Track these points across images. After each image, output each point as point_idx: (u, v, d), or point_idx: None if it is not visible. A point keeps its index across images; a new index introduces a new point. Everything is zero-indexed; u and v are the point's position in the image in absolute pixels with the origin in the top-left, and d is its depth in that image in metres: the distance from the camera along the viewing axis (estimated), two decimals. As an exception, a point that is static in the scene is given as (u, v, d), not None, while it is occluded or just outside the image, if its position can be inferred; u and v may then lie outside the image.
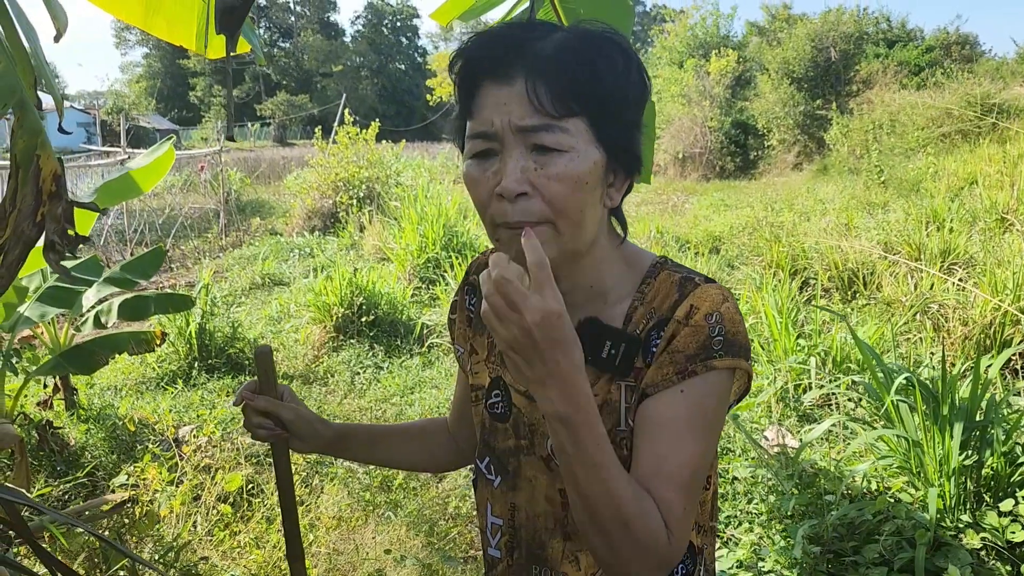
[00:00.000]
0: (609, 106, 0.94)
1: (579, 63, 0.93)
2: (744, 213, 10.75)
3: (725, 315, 0.97)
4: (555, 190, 0.92)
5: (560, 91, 0.91)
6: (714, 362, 0.96)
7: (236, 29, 1.26)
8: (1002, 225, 7.11)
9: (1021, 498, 2.78)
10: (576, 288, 1.05)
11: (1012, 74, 18.74)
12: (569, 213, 0.93)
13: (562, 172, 0.91)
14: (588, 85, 0.93)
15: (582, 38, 0.96)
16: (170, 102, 67.99)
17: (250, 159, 25.62)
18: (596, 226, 1.00)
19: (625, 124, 0.97)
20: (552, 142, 0.91)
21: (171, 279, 9.57)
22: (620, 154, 0.97)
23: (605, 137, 0.94)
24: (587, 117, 0.93)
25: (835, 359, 4.51)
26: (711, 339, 0.96)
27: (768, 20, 26.97)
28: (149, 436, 4.20)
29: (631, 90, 0.97)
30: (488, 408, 1.17)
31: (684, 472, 0.94)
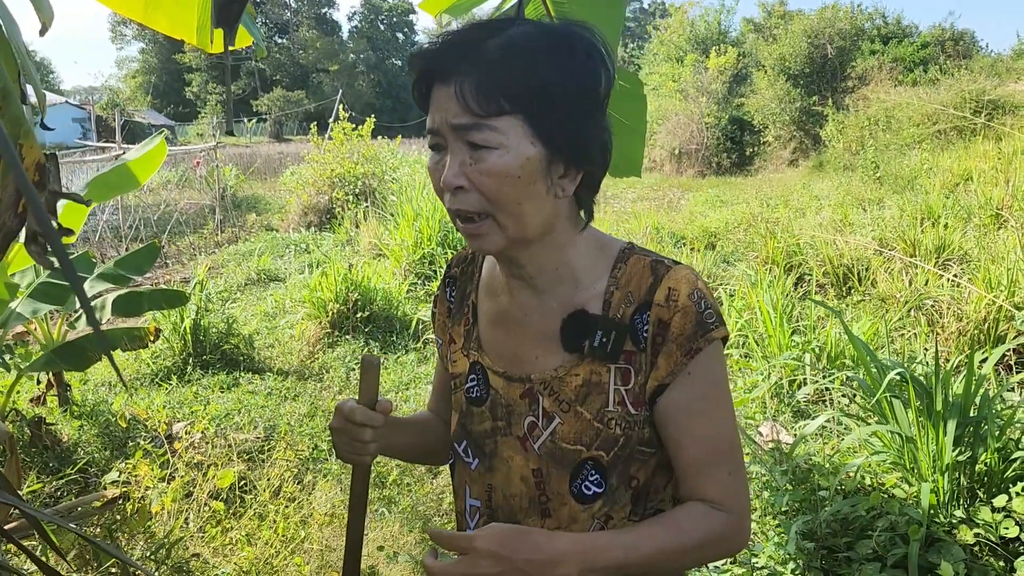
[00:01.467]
0: (547, 101, 0.97)
1: (514, 60, 0.97)
2: (740, 209, 10.75)
3: (703, 291, 1.06)
4: (487, 185, 0.98)
5: (488, 90, 0.95)
6: (712, 334, 1.04)
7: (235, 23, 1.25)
8: (997, 221, 7.12)
9: (1015, 494, 2.78)
10: (543, 272, 1.10)
11: (1007, 70, 18.75)
12: (504, 206, 0.99)
13: (491, 168, 0.97)
14: (521, 82, 0.96)
15: (527, 34, 1.00)
16: (166, 98, 67.75)
17: (246, 155, 25.55)
18: (542, 216, 1.03)
19: (568, 118, 0.99)
20: (481, 139, 0.96)
21: (166, 275, 9.55)
22: (562, 148, 1.00)
23: (544, 132, 0.98)
24: (522, 114, 0.97)
25: (829, 355, 4.51)
26: (702, 315, 1.04)
27: (764, 17, 26.94)
28: (141, 432, 4.19)
29: (576, 83, 0.99)
30: (465, 393, 1.21)
31: (720, 443, 1.07)
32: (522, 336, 1.14)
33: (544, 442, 1.10)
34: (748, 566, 2.82)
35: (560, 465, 1.09)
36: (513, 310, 1.15)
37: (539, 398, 1.10)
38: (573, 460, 1.08)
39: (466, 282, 1.27)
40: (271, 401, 4.96)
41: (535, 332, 1.12)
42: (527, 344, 1.13)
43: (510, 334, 1.16)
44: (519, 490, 1.13)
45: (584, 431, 1.07)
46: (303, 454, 4.01)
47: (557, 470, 1.10)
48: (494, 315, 1.19)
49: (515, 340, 1.15)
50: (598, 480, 1.09)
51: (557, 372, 1.09)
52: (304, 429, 4.44)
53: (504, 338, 1.17)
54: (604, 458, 1.07)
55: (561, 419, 1.09)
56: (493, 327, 1.19)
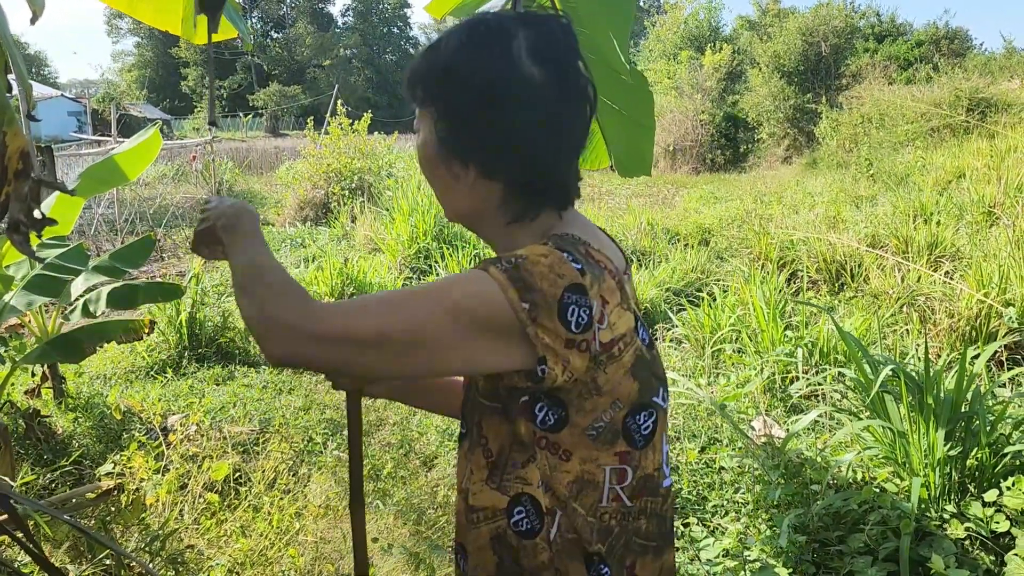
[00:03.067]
0: (441, 93, 1.07)
1: (427, 53, 1.10)
2: (734, 206, 10.78)
3: (530, 255, 0.99)
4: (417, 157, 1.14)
5: (410, 82, 1.10)
6: (491, 268, 0.98)
7: (218, 9, 1.25)
8: (989, 219, 7.15)
9: (1005, 488, 2.80)
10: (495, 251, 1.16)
11: (1000, 69, 18.80)
12: (427, 179, 1.15)
13: (416, 144, 1.14)
14: (426, 74, 1.09)
15: (453, 29, 1.09)
16: (162, 91, 67.49)
17: (242, 149, 25.48)
18: (460, 201, 1.13)
19: (457, 110, 1.07)
20: (415, 123, 1.13)
21: (162, 269, 9.53)
22: (447, 139, 1.08)
23: (437, 126, 1.08)
24: (432, 106, 1.08)
25: (822, 350, 4.53)
26: (503, 257, 0.99)
27: (759, 15, 26.97)
28: (136, 425, 4.19)
29: (472, 75, 1.05)
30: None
31: (377, 297, 1.03)
32: None
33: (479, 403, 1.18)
34: (740, 559, 2.84)
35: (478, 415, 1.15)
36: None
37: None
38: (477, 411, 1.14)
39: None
40: (266, 394, 4.96)
41: None
42: None
43: None
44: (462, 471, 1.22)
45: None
46: (297, 446, 4.01)
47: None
48: None
49: None
50: (465, 423, 1.16)
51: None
52: (299, 422, 4.44)
53: None
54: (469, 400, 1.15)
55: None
56: None
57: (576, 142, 1.10)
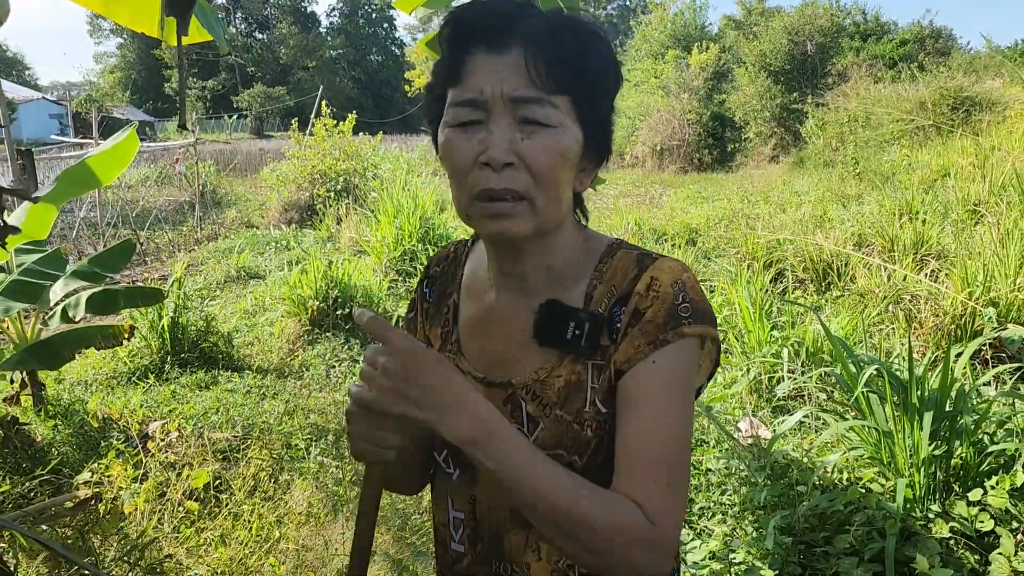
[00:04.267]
0: (593, 89, 0.97)
1: (570, 42, 0.95)
2: (721, 205, 10.80)
3: (687, 283, 0.99)
4: (541, 162, 0.93)
5: (554, 67, 0.93)
6: (684, 329, 0.96)
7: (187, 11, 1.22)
8: (974, 217, 7.17)
9: (989, 487, 2.80)
10: (536, 270, 1.06)
11: (984, 67, 18.92)
12: (551, 186, 0.95)
13: (549, 145, 0.93)
14: (577, 66, 0.95)
15: (573, 21, 0.98)
16: (145, 93, 67.09)
17: (226, 151, 25.34)
18: (568, 206, 1.02)
19: (603, 107, 1.00)
20: (542, 116, 0.93)
21: (145, 272, 9.46)
22: (598, 136, 1.00)
23: (586, 118, 0.97)
24: (572, 97, 0.95)
25: (808, 350, 4.53)
26: (677, 307, 0.97)
27: (744, 14, 27.06)
28: (115, 432, 4.14)
29: (611, 77, 1.01)
30: None
31: (664, 446, 0.94)
32: (505, 339, 1.08)
33: None
34: (726, 562, 2.82)
35: None
36: (499, 309, 1.10)
37: (522, 404, 1.04)
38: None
39: (447, 282, 1.21)
40: (250, 399, 4.91)
41: (520, 333, 1.06)
42: (510, 347, 1.07)
43: (492, 337, 1.10)
44: (503, 501, 1.07)
45: (563, 435, 1.01)
46: (278, 452, 3.97)
47: None
48: (476, 317, 1.13)
49: (498, 342, 1.09)
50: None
51: (539, 374, 1.04)
52: (282, 427, 4.40)
53: (486, 341, 1.11)
54: (578, 463, 1.00)
55: (544, 425, 1.02)
56: (474, 330, 1.13)
57: None
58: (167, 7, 1.27)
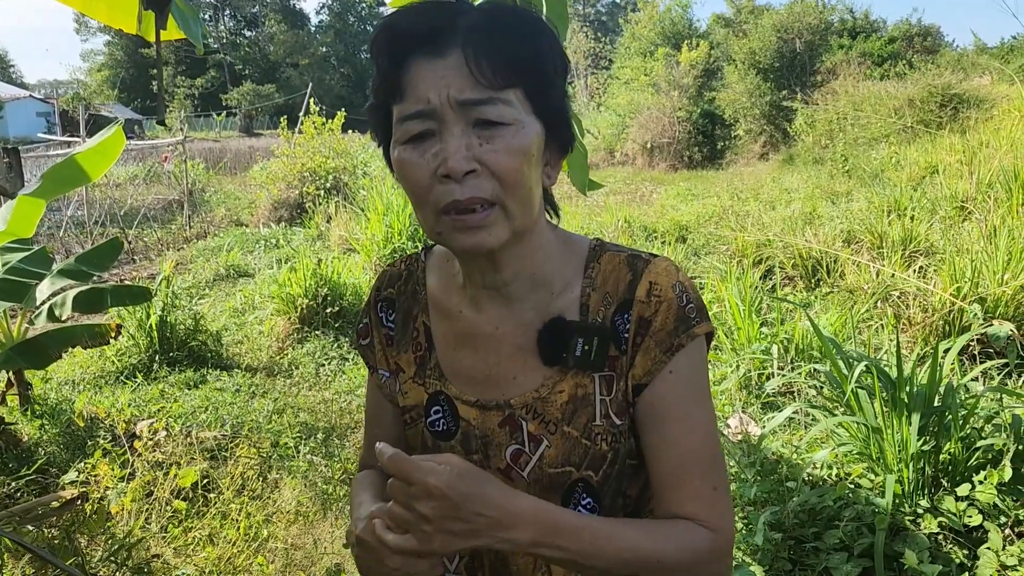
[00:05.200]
0: (544, 78, 0.92)
1: (512, 33, 0.90)
2: (711, 203, 10.81)
3: (685, 283, 0.99)
4: (504, 164, 0.88)
5: (499, 62, 0.88)
6: (694, 330, 0.97)
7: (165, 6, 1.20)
8: (962, 213, 7.20)
9: (977, 482, 2.81)
10: (518, 277, 1.00)
11: (972, 65, 19.02)
12: (518, 188, 0.90)
13: (509, 145, 0.88)
14: (522, 57, 0.90)
15: (510, 12, 0.93)
16: (133, 91, 66.72)
17: (215, 149, 25.26)
18: (539, 205, 0.97)
19: (559, 96, 0.95)
20: (495, 115, 0.87)
21: (134, 271, 9.41)
22: (556, 127, 0.95)
23: (542, 110, 0.92)
24: (524, 89, 0.90)
25: (798, 347, 4.54)
26: (684, 309, 0.96)
27: (734, 12, 27.11)
28: (102, 432, 4.11)
29: (559, 64, 0.95)
30: (429, 427, 1.07)
31: (702, 450, 0.95)
32: (496, 355, 1.02)
33: (533, 468, 0.99)
34: (717, 557, 2.82)
35: (550, 491, 0.99)
36: (482, 325, 1.03)
37: (522, 424, 1.00)
38: (563, 483, 0.99)
39: (408, 302, 1.12)
40: (239, 398, 4.89)
41: (511, 348, 1.01)
42: (502, 363, 1.02)
43: (480, 354, 1.04)
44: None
45: (572, 451, 0.98)
46: (267, 451, 3.95)
47: (548, 497, 0.97)
48: (456, 336, 1.06)
49: (487, 360, 1.03)
50: (590, 503, 0.99)
51: (540, 392, 0.99)
52: (271, 425, 4.38)
53: (472, 361, 1.04)
54: (594, 478, 0.98)
55: (549, 442, 0.98)
56: (456, 350, 1.06)
57: None
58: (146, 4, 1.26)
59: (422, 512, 0.81)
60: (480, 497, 0.82)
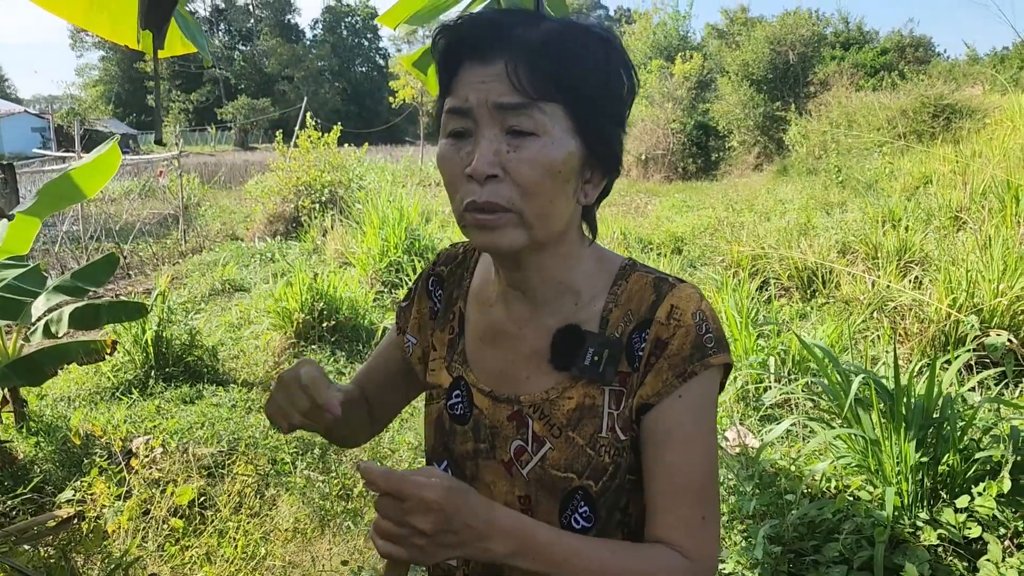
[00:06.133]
0: (589, 96, 0.93)
1: (561, 49, 0.92)
2: (706, 214, 10.84)
3: (707, 312, 0.99)
4: (526, 174, 0.90)
5: (539, 73, 0.90)
6: (710, 360, 0.97)
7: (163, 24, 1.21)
8: (956, 223, 7.23)
9: (976, 494, 2.81)
10: (545, 283, 1.03)
11: (964, 75, 19.15)
12: (537, 200, 0.92)
13: (535, 156, 0.90)
14: (568, 71, 0.91)
15: (568, 27, 0.95)
16: (128, 106, 66.83)
17: (211, 163, 25.27)
18: (566, 220, 0.98)
19: (606, 117, 0.95)
20: (528, 125, 0.90)
21: (129, 286, 9.38)
22: (598, 148, 0.95)
23: (584, 128, 0.93)
24: (565, 104, 0.92)
25: (794, 358, 4.54)
26: (702, 337, 0.96)
27: (727, 24, 27.27)
28: (98, 450, 4.08)
29: (614, 84, 0.96)
30: (448, 409, 1.12)
31: (697, 478, 0.96)
32: (513, 353, 1.06)
33: (534, 468, 1.02)
34: (716, 572, 2.81)
35: (550, 494, 1.02)
36: (507, 324, 1.07)
37: (528, 421, 1.03)
38: (563, 489, 1.01)
39: (454, 286, 1.18)
40: (235, 413, 4.87)
41: (528, 349, 1.05)
42: (518, 362, 1.06)
43: (500, 350, 1.08)
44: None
45: (576, 458, 1.00)
46: (264, 467, 3.93)
47: (547, 499, 1.02)
48: (484, 328, 1.11)
49: (505, 357, 1.07)
50: (587, 513, 1.01)
51: (549, 394, 1.02)
52: (268, 441, 4.36)
53: (493, 354, 1.09)
54: (593, 488, 1.00)
55: (552, 444, 1.01)
56: (481, 341, 1.11)
57: None
58: (143, 21, 1.27)
59: (419, 527, 0.82)
60: (468, 509, 0.85)
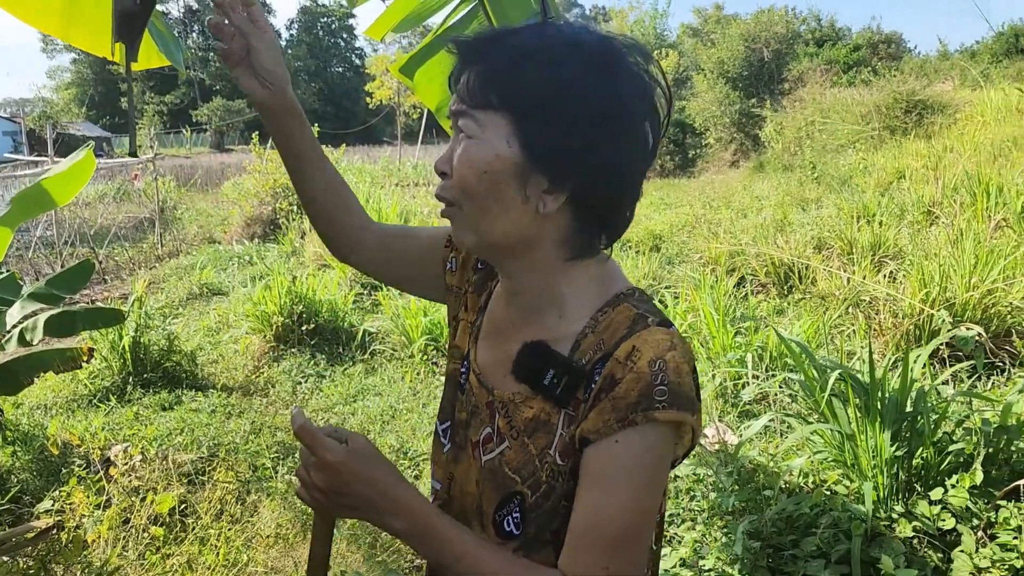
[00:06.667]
0: (538, 106, 0.94)
1: (519, 60, 0.95)
2: (683, 211, 10.90)
3: (669, 363, 0.93)
4: (459, 172, 0.98)
5: (483, 83, 0.96)
6: (655, 414, 0.91)
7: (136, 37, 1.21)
8: (928, 218, 7.33)
9: (950, 486, 2.86)
10: (528, 289, 1.06)
11: (935, 71, 19.40)
12: (470, 198, 0.98)
13: (464, 155, 0.97)
14: (516, 81, 0.94)
15: (549, 39, 0.97)
16: (102, 109, 66.06)
17: (186, 166, 25.06)
18: (512, 224, 0.98)
19: (558, 129, 0.94)
20: (464, 127, 0.98)
21: (105, 292, 9.29)
22: (544, 158, 0.94)
23: (526, 136, 0.94)
24: (509, 113, 0.95)
25: (771, 354, 4.59)
26: (653, 388, 0.92)
27: (701, 22, 27.44)
28: (76, 458, 4.05)
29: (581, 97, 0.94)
30: (458, 375, 1.19)
31: (611, 529, 0.93)
32: (501, 350, 1.10)
33: (492, 459, 1.06)
34: (696, 568, 2.84)
35: (495, 488, 1.05)
36: (504, 322, 1.12)
37: (496, 415, 1.07)
38: (507, 488, 1.03)
39: (492, 270, 1.19)
40: (215, 419, 4.85)
41: (511, 350, 1.07)
42: (503, 359, 1.09)
43: (495, 343, 1.13)
44: (472, 490, 1.09)
45: (525, 464, 1.02)
46: (244, 473, 3.91)
47: (491, 491, 1.05)
48: (493, 319, 1.16)
49: (496, 351, 1.11)
50: (518, 520, 1.02)
51: (514, 398, 1.05)
52: (248, 446, 4.35)
53: (491, 344, 1.14)
54: (528, 498, 1.01)
55: (510, 444, 1.04)
56: (490, 326, 1.16)
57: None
58: (116, 34, 1.27)
59: (315, 480, 0.94)
60: (368, 479, 0.94)
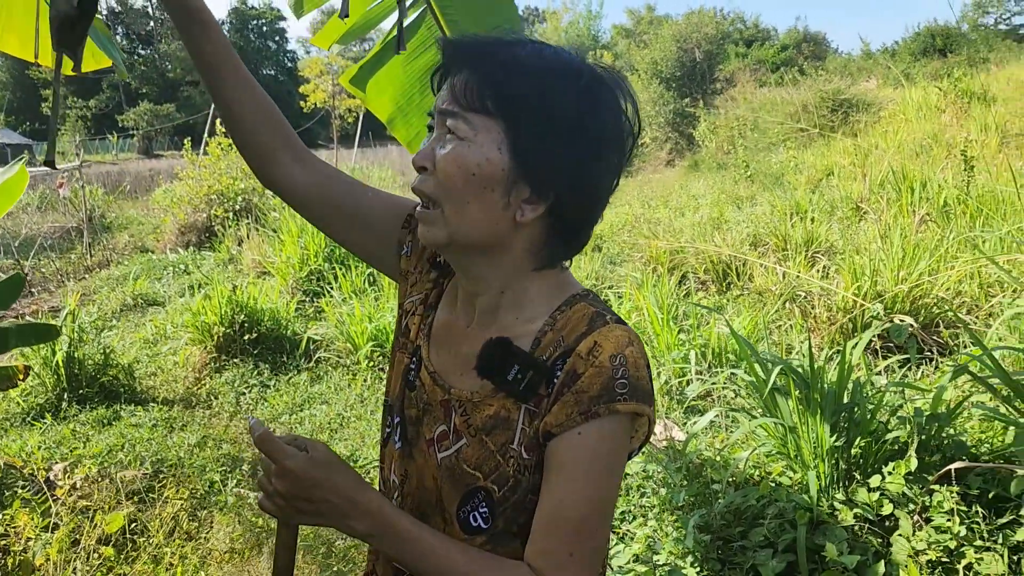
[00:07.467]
0: (532, 118, 0.98)
1: (516, 71, 0.99)
2: (623, 211, 11.03)
3: (629, 358, 0.98)
4: (443, 170, 1.00)
5: (479, 88, 0.98)
6: (617, 405, 0.97)
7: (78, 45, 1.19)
8: (857, 214, 7.59)
9: (887, 473, 2.98)
10: (487, 290, 1.09)
11: (859, 70, 20.06)
12: (452, 198, 1.00)
13: (451, 154, 0.99)
14: (513, 91, 0.98)
15: (544, 56, 1.01)
16: (21, 115, 63.56)
17: (114, 173, 24.33)
18: (490, 227, 1.02)
19: (548, 143, 0.98)
20: (454, 127, 0.99)
21: (33, 304, 8.96)
22: (531, 169, 0.99)
23: (516, 145, 0.99)
24: (503, 120, 0.98)
25: (714, 351, 4.70)
26: (614, 381, 0.97)
27: (634, 23, 27.84)
28: (18, 480, 3.92)
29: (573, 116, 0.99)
30: (405, 371, 1.19)
31: (575, 516, 0.99)
32: (456, 349, 1.12)
33: (449, 456, 1.07)
34: (650, 564, 2.91)
35: (454, 485, 1.07)
36: (459, 320, 1.14)
37: (452, 414, 1.08)
38: (468, 484, 1.06)
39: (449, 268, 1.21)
40: (157, 433, 4.74)
41: (467, 349, 1.10)
42: (458, 358, 1.11)
43: (450, 342, 1.14)
44: (429, 485, 1.11)
45: (485, 460, 1.05)
46: (197, 491, 3.84)
47: (451, 489, 1.07)
48: (446, 316, 1.17)
49: (451, 350, 1.13)
50: (486, 513, 1.05)
51: (472, 397, 1.07)
52: (194, 460, 4.27)
53: (445, 342, 1.15)
54: (496, 493, 1.04)
55: (467, 441, 1.06)
56: (443, 324, 1.17)
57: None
58: (57, 44, 1.24)
59: (277, 488, 0.95)
60: (329, 485, 0.96)
